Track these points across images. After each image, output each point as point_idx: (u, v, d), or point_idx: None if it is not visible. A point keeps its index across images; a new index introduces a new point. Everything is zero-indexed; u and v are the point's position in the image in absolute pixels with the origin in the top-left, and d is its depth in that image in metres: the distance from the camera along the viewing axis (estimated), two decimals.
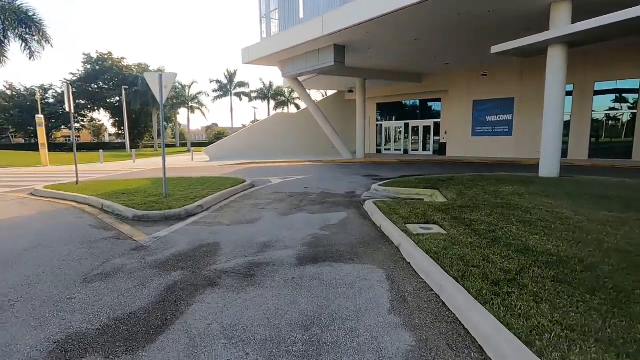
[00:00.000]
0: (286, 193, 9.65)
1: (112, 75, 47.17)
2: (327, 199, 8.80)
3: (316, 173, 14.94)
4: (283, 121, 25.67)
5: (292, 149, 25.68)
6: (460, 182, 10.33)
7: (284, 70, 19.04)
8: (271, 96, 57.80)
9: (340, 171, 15.65)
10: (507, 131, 20.42)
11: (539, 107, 19.81)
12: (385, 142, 27.64)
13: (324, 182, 11.92)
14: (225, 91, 51.78)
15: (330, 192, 9.99)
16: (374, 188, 10.37)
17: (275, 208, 7.53)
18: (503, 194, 8.24)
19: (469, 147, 21.82)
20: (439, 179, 11.18)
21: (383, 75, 21.57)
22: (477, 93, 21.29)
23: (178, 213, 6.39)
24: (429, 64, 19.97)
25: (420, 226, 5.50)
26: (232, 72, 51.04)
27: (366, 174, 14.62)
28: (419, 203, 7.44)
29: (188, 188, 9.09)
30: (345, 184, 11.64)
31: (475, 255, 3.94)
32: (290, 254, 4.38)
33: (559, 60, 11.04)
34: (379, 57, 17.99)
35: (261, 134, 24.62)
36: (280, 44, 16.70)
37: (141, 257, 4.31)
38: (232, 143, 23.99)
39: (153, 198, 7.52)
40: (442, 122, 23.84)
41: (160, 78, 7.43)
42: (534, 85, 19.25)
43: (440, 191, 9.46)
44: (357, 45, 15.72)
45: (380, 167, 17.36)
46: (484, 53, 17.30)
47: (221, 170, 16.53)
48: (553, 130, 11.27)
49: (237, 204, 8.04)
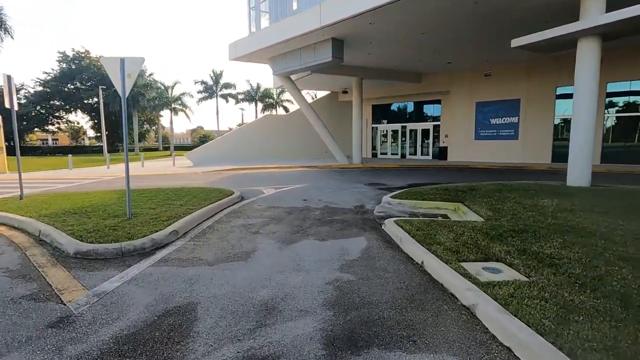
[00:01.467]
0: (283, 208, 8.00)
1: (89, 75, 44.53)
2: (334, 216, 7.20)
3: (313, 181, 13.33)
4: (273, 123, 24.00)
5: (283, 153, 23.99)
6: (485, 194, 8.87)
7: (275, 68, 17.40)
8: (259, 98, 56.01)
9: (339, 178, 14.07)
10: (513, 135, 19.24)
11: (547, 108, 18.95)
12: (382, 146, 26.23)
13: (324, 193, 10.31)
14: (211, 93, 49.71)
15: (335, 206, 8.39)
16: (385, 201, 8.83)
17: (273, 232, 5.87)
18: (548, 210, 6.80)
19: (472, 152, 20.57)
20: (457, 188, 9.71)
21: (381, 74, 20.16)
22: (480, 94, 20.09)
23: (141, 245, 4.66)
24: (431, 62, 18.66)
25: (482, 266, 3.94)
26: (218, 73, 49.04)
27: (369, 181, 13.09)
28: (455, 224, 5.90)
29: (162, 204, 7.34)
30: (349, 194, 10.06)
31: (626, 338, 2.38)
32: (309, 331, 2.74)
33: (591, 55, 9.74)
34: (378, 54, 16.55)
35: (249, 137, 22.86)
36: (272, 38, 15.07)
37: (58, 346, 2.57)
38: (218, 147, 22.16)
39: (112, 221, 5.75)
40: (442, 125, 22.57)
41: (122, 64, 5.70)
42: (542, 85, 18.14)
43: (465, 205, 8.00)
44: (357, 39, 14.23)
45: (381, 174, 15.85)
46: (491, 50, 16.07)
47: (205, 178, 14.74)
48: (584, 133, 9.96)
49: (223, 225, 6.34)
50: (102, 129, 35.13)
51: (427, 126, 23.69)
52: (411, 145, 24.48)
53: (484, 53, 16.71)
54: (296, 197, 9.64)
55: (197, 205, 7.33)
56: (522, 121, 18.91)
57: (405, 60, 18.08)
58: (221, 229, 6.08)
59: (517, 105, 18.99)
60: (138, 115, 45.61)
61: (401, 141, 24.93)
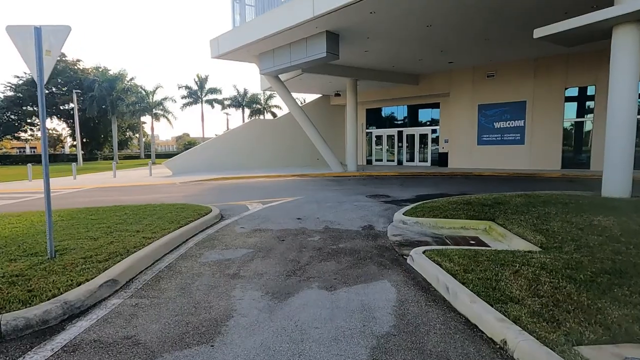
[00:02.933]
0: (273, 232, 6.27)
1: (65, 79, 42.04)
2: (339, 243, 5.53)
3: (306, 192, 11.62)
4: (261, 128, 22.26)
5: (271, 161, 22.24)
6: (517, 209, 7.33)
7: (262, 66, 15.72)
8: (246, 104, 54.27)
9: (335, 189, 12.40)
10: (519, 139, 17.95)
11: (555, 111, 17.21)
12: (377, 153, 24.73)
13: (322, 208, 8.61)
14: (196, 98, 47.64)
15: (338, 227, 6.72)
16: (398, 219, 7.20)
17: (259, 274, 4.15)
18: (613, 233, 5.27)
19: (475, 158, 19.21)
20: (479, 202, 8.15)
21: (377, 75, 18.70)
22: (483, 96, 18.80)
23: (42, 317, 2.84)
24: (432, 62, 17.28)
25: (617, 352, 2.29)
26: (203, 78, 47.06)
27: (370, 192, 11.45)
28: (513, 259, 4.28)
29: (111, 231, 5.52)
30: (351, 210, 8.39)
31: None
32: None
33: (630, 44, 8.38)
34: (376, 51, 15.07)
35: (235, 144, 21.05)
36: (258, 32, 13.42)
37: None
38: (200, 154, 20.29)
39: (22, 263, 3.94)
40: (441, 130, 21.20)
41: (38, 35, 3.93)
42: (550, 86, 16.94)
43: (499, 224, 6.44)
44: (354, 33, 12.70)
45: (381, 183, 14.25)
46: (498, 46, 14.74)
47: (182, 190, 12.88)
48: (624, 136, 8.54)
49: (189, 263, 4.58)
50: (77, 136, 32.79)
51: (425, 131, 22.31)
52: (408, 152, 23.03)
53: (489, 50, 15.40)
54: (288, 214, 7.92)
55: (159, 231, 5.54)
56: (528, 125, 17.64)
57: (403, 59, 16.66)
58: (185, 270, 4.31)
59: (523, 107, 17.74)
60: (118, 121, 43.25)
61: (397, 147, 23.47)
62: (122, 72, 40.21)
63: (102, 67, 42.29)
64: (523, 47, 14.95)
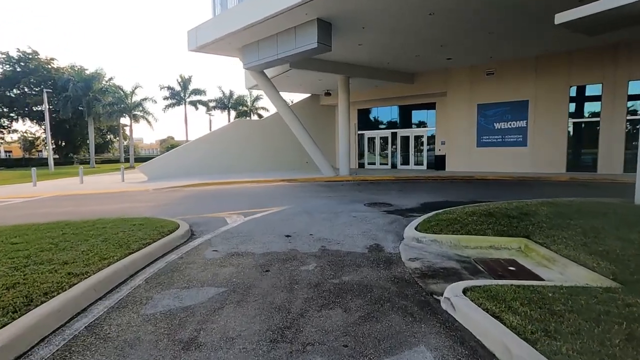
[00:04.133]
0: (254, 258, 4.83)
1: (38, 79, 39.57)
2: (342, 276, 4.14)
3: (296, 200, 10.19)
4: (246, 130, 20.71)
5: (258, 164, 20.71)
6: (551, 221, 6.10)
7: (246, 60, 14.24)
8: (232, 106, 52.47)
9: (328, 196, 11.01)
10: (521, 141, 16.92)
11: (559, 110, 15.95)
12: (369, 155, 23.47)
13: (315, 221, 7.20)
14: (179, 99, 45.67)
15: (338, 248, 5.33)
16: (411, 236, 5.88)
17: (229, 341, 2.71)
18: None
19: (474, 161, 18.10)
20: (502, 212, 6.90)
21: (370, 73, 17.46)
22: (482, 95, 17.75)
23: None
24: (429, 58, 16.12)
25: None
26: (187, 78, 45.14)
27: (368, 200, 10.09)
28: (614, 311, 2.95)
29: (26, 263, 3.98)
30: (350, 223, 7.01)
31: None
32: None
33: None
34: (371, 45, 13.80)
35: (218, 146, 19.45)
36: (242, 19, 11.96)
37: None
38: (180, 157, 18.63)
39: None
40: (438, 131, 20.07)
41: None
42: (553, 84, 15.97)
43: (537, 242, 5.19)
44: (348, 22, 11.39)
45: (378, 189, 12.93)
46: (500, 40, 13.63)
47: (153, 199, 11.28)
48: None
49: (125, 319, 3.10)
50: (47, 138, 30.61)
51: (420, 132, 21.16)
52: (402, 154, 21.83)
53: (491, 45, 14.31)
54: (275, 230, 6.48)
55: (96, 261, 4.04)
56: (531, 125, 16.63)
57: (399, 55, 15.45)
58: (114, 334, 2.83)
59: (525, 107, 16.73)
60: (96, 123, 40.99)
61: (391, 149, 22.25)
62: (99, 72, 38.03)
63: (78, 66, 40.03)
64: (527, 42, 13.92)
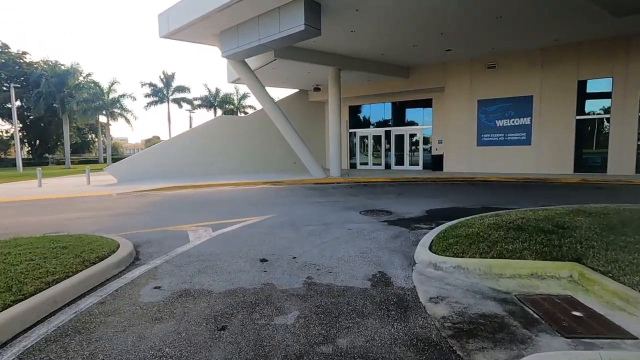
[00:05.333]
0: (210, 300, 3.33)
1: (8, 74, 37.10)
2: (338, 337, 2.65)
3: (280, 207, 8.71)
4: (228, 127, 19.09)
5: (241, 165, 19.13)
6: (601, 238, 4.80)
7: (224, 47, 12.67)
8: (218, 104, 50.57)
9: (318, 202, 9.55)
10: (525, 139, 15.74)
11: (566, 107, 14.64)
12: (362, 155, 22.08)
13: (300, 238, 5.72)
14: (162, 97, 43.66)
15: (331, 281, 3.88)
16: (426, 260, 4.50)
17: None
18: None
19: (474, 161, 16.87)
20: (531, 225, 5.59)
21: (364, 65, 16.07)
22: (483, 90, 16.52)
23: None
24: (427, 48, 14.79)
25: None
26: (170, 75, 43.20)
27: (364, 206, 8.67)
28: None
29: None
30: (345, 239, 5.56)
31: None
32: None
33: None
34: (364, 32, 12.40)
35: (198, 145, 17.80)
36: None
37: None
38: (155, 158, 16.93)
39: None
40: (435, 129, 18.80)
41: None
42: (560, 78, 14.82)
43: (597, 270, 3.85)
44: (339, 1, 9.94)
45: (373, 192, 11.53)
46: (508, 30, 12.32)
47: (112, 206, 9.65)
48: None
49: None
50: (15, 136, 28.43)
51: (416, 131, 19.87)
52: (397, 154, 20.50)
53: (496, 34, 13.06)
54: (248, 251, 4.98)
55: None
56: (535, 123, 15.46)
57: (395, 45, 14.08)
58: None
59: (529, 103, 15.55)
60: (76, 122, 38.71)
61: (385, 149, 20.90)
62: (74, 67, 35.83)
63: (52, 60, 37.68)
64: (534, 31, 12.69)
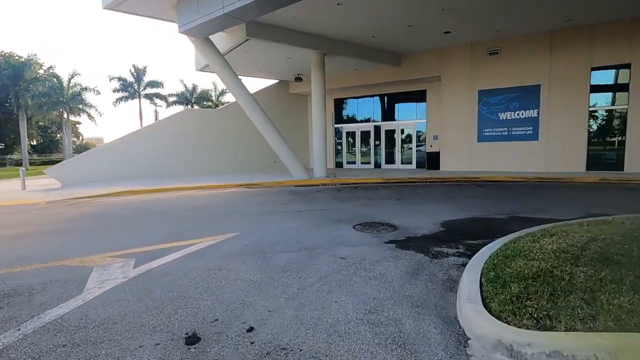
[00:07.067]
0: None
1: None
2: None
3: (249, 221, 6.57)
4: (197, 121, 16.72)
5: (213, 164, 16.84)
6: None
7: (182, 21, 10.38)
8: (195, 101, 47.65)
9: (299, 211, 7.45)
10: (532, 134, 14.08)
11: (577, 97, 12.90)
12: (349, 153, 20.08)
13: (268, 278, 3.57)
14: (132, 92, 40.62)
15: None
16: (495, 338, 2.36)
17: None
18: None
19: (475, 158, 15.12)
20: (618, 250, 3.63)
21: (351, 50, 14.08)
22: (484, 80, 14.78)
23: None
24: (424, 29, 12.88)
25: None
26: (141, 69, 40.10)
27: (358, 217, 6.62)
28: None
29: None
30: (336, 279, 3.47)
31: None
32: None
33: None
34: (353, 8, 10.35)
35: (162, 142, 15.41)
36: None
37: None
38: (110, 157, 14.43)
39: None
40: (429, 124, 17.00)
41: None
42: (570, 66, 13.20)
43: None
44: None
45: (365, 196, 9.53)
46: (517, 9, 10.46)
47: (20, 222, 7.29)
48: None
49: None
50: None
51: (409, 125, 18.03)
52: (388, 151, 18.61)
53: (503, 14, 11.26)
54: (170, 317, 2.80)
55: None
56: (543, 115, 13.82)
57: (388, 24, 12.13)
58: None
59: (537, 93, 13.88)
60: (28, 118, 35.23)
61: (374, 146, 18.98)
62: (32, 58, 32.49)
63: (6, 52, 34.11)
64: (547, 7, 10.93)
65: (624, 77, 12.69)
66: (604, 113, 13.30)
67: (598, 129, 13.41)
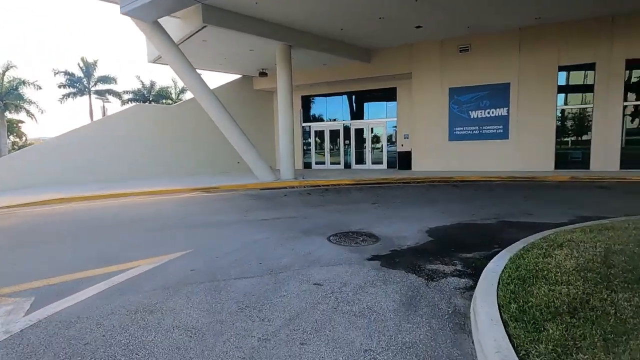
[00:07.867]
0: None
1: None
2: None
3: (200, 236, 5.49)
4: (151, 118, 15.12)
5: (171, 165, 15.35)
6: None
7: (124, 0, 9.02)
8: (153, 98, 44.85)
9: (263, 220, 6.45)
10: (502, 132, 13.92)
11: (546, 96, 12.83)
12: (317, 153, 19.22)
13: (218, 321, 2.52)
14: (81, 88, 37.49)
15: None
16: None
17: None
18: None
19: (447, 158, 14.77)
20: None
21: (319, 43, 13.24)
22: (455, 77, 14.45)
23: None
24: (396, 22, 12.27)
25: None
26: (91, 62, 37.06)
27: (332, 226, 5.73)
28: None
29: None
30: (312, 316, 2.50)
31: None
32: None
33: None
34: None
35: (111, 140, 13.74)
36: None
37: None
38: (46, 157, 12.56)
39: None
40: (400, 123, 16.55)
41: None
42: (539, 63, 13.14)
43: None
44: None
45: (339, 200, 8.70)
46: None
47: None
48: None
49: None
50: None
51: (379, 124, 17.49)
52: (358, 151, 17.96)
53: (479, 6, 10.86)
54: None
55: None
56: (513, 114, 13.70)
57: (358, 16, 11.39)
58: None
59: (506, 92, 13.74)
60: None
61: (344, 145, 18.26)
62: None
63: None
64: (517, 3, 10.66)
65: (589, 76, 12.79)
66: (571, 112, 13.38)
67: (565, 128, 13.47)
